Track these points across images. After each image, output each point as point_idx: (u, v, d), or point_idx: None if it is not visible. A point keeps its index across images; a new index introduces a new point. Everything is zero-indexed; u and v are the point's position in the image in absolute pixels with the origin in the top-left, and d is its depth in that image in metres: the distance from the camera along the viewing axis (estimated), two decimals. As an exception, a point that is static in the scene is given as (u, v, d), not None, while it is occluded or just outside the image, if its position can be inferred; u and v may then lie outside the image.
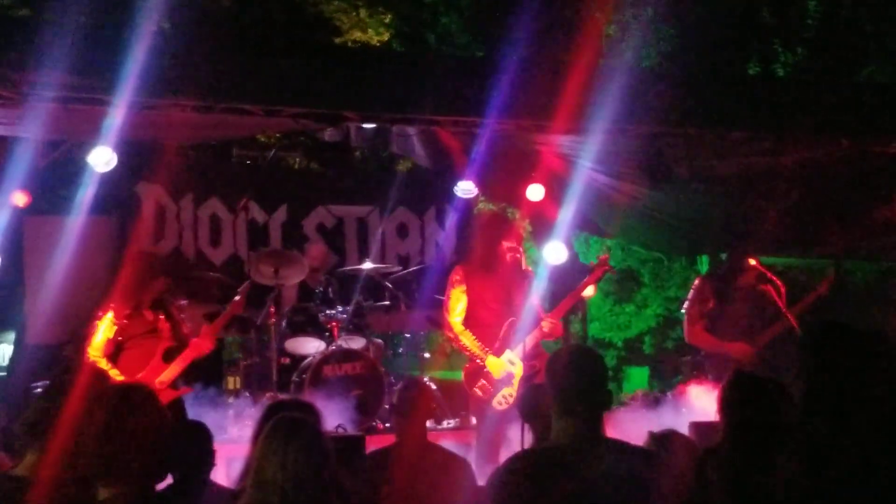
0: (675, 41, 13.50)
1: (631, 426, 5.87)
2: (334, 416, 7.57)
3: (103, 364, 7.08)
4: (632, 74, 8.10)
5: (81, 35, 6.60)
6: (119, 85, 6.58)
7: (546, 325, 7.72)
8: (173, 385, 7.31)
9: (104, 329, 7.21)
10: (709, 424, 5.25)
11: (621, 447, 3.89)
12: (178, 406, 7.17)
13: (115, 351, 7.24)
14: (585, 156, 8.93)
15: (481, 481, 5.86)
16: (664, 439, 4.88)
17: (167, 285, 7.62)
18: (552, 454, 3.80)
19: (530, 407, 5.49)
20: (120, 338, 7.24)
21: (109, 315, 7.23)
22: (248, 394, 9.28)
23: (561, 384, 3.83)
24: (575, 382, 3.81)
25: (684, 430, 5.73)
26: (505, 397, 7.71)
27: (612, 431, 3.96)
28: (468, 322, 7.83)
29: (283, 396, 8.50)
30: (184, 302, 8.26)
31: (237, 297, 7.96)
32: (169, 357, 7.33)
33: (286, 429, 3.63)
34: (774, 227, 8.70)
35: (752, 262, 8.21)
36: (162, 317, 7.43)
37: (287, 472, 3.50)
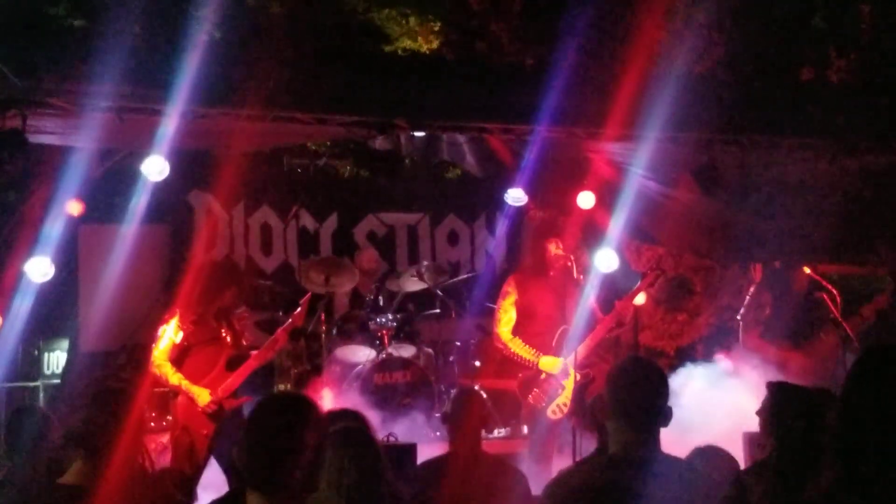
0: (728, 48, 13.38)
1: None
2: (385, 424, 7.58)
3: (168, 369, 7.11)
4: (683, 81, 8.04)
5: (135, 45, 6.67)
6: (172, 94, 6.64)
7: (616, 310, 7.72)
8: (234, 394, 7.31)
9: (170, 333, 7.23)
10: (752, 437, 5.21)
11: (676, 463, 3.84)
12: (239, 415, 7.16)
13: (179, 356, 7.26)
14: (637, 163, 8.88)
15: (535, 490, 5.83)
16: (706, 455, 4.83)
17: (235, 296, 7.65)
18: (607, 466, 3.76)
19: (596, 416, 5.45)
20: (185, 343, 7.27)
21: (175, 319, 7.26)
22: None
23: (620, 396, 3.78)
24: (634, 395, 3.76)
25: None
26: (559, 406, 7.68)
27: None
28: (521, 330, 7.80)
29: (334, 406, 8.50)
30: (244, 311, 8.28)
31: (299, 309, 7.94)
32: (231, 366, 7.34)
33: (342, 439, 3.61)
34: (830, 235, 8.59)
35: (807, 270, 8.12)
36: (225, 325, 7.45)
37: (343, 481, 3.49)
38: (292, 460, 3.27)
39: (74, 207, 8.72)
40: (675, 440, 4.05)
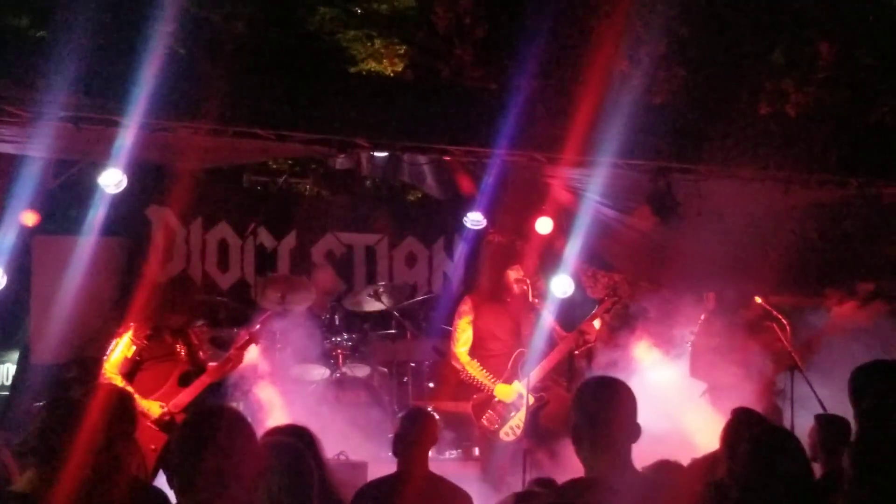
0: (687, 78, 13.54)
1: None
2: (337, 443, 7.56)
3: (118, 382, 7.07)
4: (642, 110, 8.12)
5: (96, 57, 6.65)
6: (131, 106, 6.62)
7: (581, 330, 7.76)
8: (186, 409, 7.26)
9: (122, 347, 7.19)
10: (708, 457, 5.24)
11: (651, 480, 3.82)
12: None
13: (131, 370, 7.22)
14: (594, 189, 8.95)
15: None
16: (665, 470, 4.85)
17: (190, 316, 7.64)
18: (584, 488, 3.69)
19: None
20: (138, 357, 7.23)
21: (129, 333, 7.22)
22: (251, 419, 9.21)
23: (591, 416, 3.69)
24: (608, 416, 3.68)
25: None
26: (512, 428, 7.70)
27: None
28: (477, 352, 7.83)
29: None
30: (203, 325, 8.25)
31: (257, 327, 7.94)
32: (184, 381, 7.30)
33: (271, 454, 3.64)
34: (782, 267, 8.68)
35: (758, 300, 8.20)
36: (181, 342, 7.43)
37: (273, 496, 3.51)
38: (216, 470, 3.31)
39: (29, 218, 8.66)
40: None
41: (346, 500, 5.14)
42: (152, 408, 7.10)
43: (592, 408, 3.71)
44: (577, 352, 8.22)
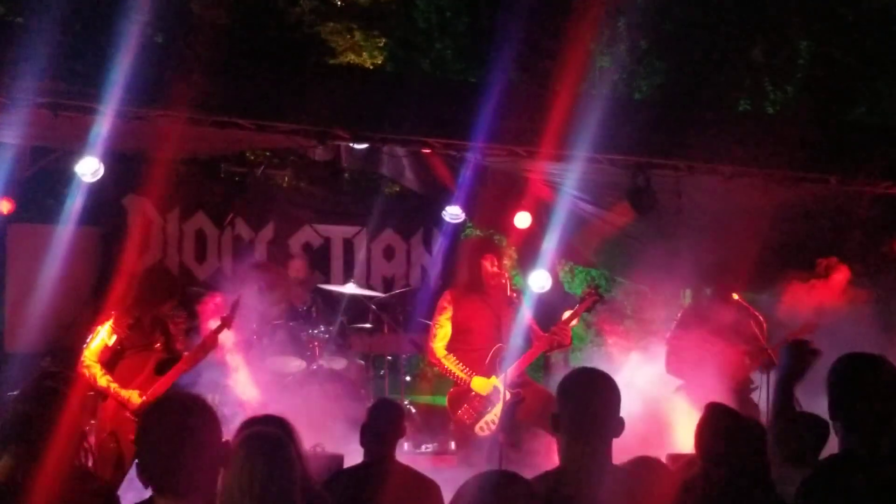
0: (668, 75, 13.59)
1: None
2: (314, 435, 7.53)
3: (97, 370, 7.00)
4: (622, 105, 8.12)
5: (74, 44, 6.60)
6: (108, 93, 6.56)
7: (555, 332, 7.75)
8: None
9: (103, 335, 7.12)
10: (685, 457, 5.24)
11: (622, 474, 3.80)
12: None
13: (111, 359, 7.16)
14: (572, 184, 8.94)
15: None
16: (644, 466, 4.84)
17: (173, 306, 7.59)
18: (558, 479, 3.65)
19: None
20: (119, 347, 7.17)
21: (110, 322, 7.16)
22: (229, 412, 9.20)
23: (576, 407, 3.65)
24: (591, 407, 3.64)
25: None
26: (487, 423, 7.68)
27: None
28: (457, 346, 7.79)
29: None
30: (182, 316, 8.21)
31: (229, 311, 7.91)
32: (160, 370, 7.25)
33: (253, 444, 3.59)
34: (759, 263, 8.69)
35: (735, 296, 8.21)
36: (159, 331, 7.38)
37: (254, 487, 3.46)
38: (192, 461, 3.27)
39: (4, 206, 8.61)
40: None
41: (322, 491, 5.12)
42: (132, 397, 7.03)
43: (578, 398, 3.68)
44: (558, 349, 8.22)
